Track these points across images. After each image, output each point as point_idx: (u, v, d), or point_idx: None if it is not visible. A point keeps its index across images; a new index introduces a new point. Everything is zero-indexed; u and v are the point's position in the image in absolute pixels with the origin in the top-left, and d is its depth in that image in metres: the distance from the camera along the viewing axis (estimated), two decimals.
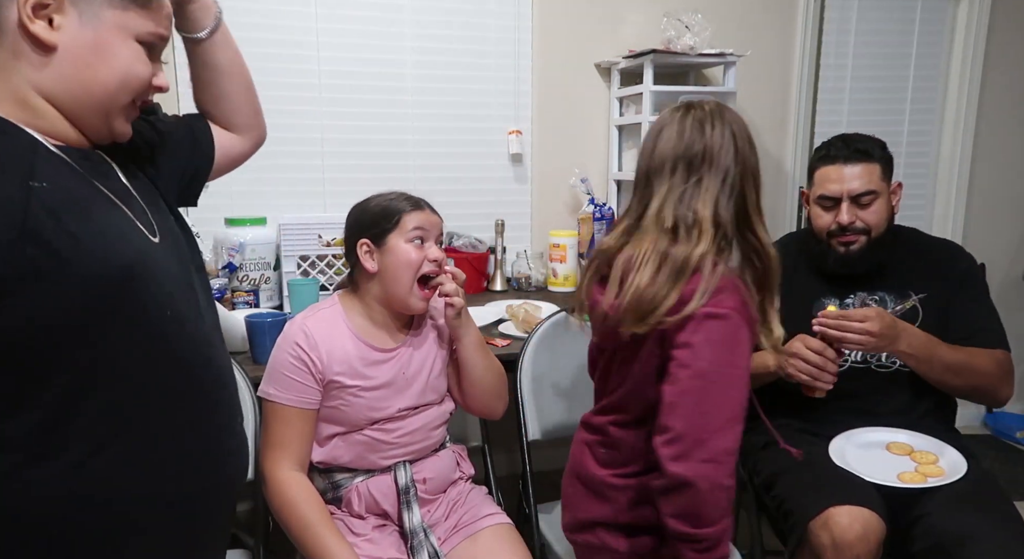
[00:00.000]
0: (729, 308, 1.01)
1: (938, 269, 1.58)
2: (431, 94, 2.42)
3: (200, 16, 1.03)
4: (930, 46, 2.91)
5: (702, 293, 1.00)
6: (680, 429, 0.98)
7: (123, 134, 0.88)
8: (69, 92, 0.80)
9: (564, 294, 2.38)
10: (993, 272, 3.01)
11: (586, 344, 1.78)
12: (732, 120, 1.10)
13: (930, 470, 1.34)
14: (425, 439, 1.41)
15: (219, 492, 0.94)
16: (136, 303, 0.80)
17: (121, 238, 0.80)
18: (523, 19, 2.47)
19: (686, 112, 1.11)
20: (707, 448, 0.97)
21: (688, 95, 2.39)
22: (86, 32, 0.78)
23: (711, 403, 0.98)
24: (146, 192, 0.93)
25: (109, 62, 0.80)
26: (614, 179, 2.60)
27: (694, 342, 1.00)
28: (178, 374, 0.85)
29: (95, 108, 0.82)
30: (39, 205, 0.72)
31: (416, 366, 1.39)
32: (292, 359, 1.29)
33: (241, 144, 1.14)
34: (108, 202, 0.83)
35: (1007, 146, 3.05)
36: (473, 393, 1.44)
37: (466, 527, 1.39)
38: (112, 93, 0.82)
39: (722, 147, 1.07)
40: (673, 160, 1.09)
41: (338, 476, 1.38)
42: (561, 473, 1.32)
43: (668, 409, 1.01)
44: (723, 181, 1.07)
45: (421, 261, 1.32)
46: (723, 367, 0.99)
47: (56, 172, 0.78)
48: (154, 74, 0.87)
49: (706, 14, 2.32)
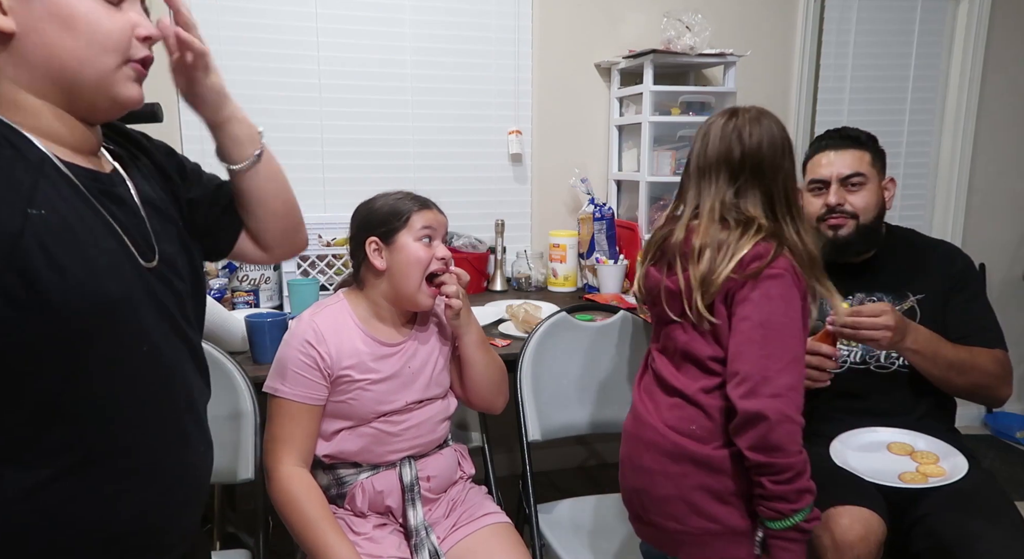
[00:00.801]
0: (783, 268, 1.14)
1: (935, 270, 1.57)
2: (431, 94, 2.42)
3: (234, 151, 0.94)
4: (930, 46, 2.91)
5: (757, 258, 1.14)
6: (747, 370, 1.09)
7: (131, 98, 0.79)
8: (48, 77, 0.74)
9: (564, 294, 2.38)
10: (993, 272, 3.01)
11: (586, 344, 1.79)
12: (767, 128, 1.21)
13: (931, 470, 1.34)
14: (431, 433, 1.41)
15: (179, 520, 0.89)
16: (111, 338, 0.77)
17: (109, 272, 0.76)
18: (523, 19, 2.47)
19: (729, 118, 1.23)
20: (772, 384, 1.07)
21: (688, 95, 2.40)
22: (34, 5, 0.71)
23: (772, 347, 1.09)
24: (158, 210, 0.88)
25: (69, 27, 0.72)
26: (614, 179, 2.60)
27: (753, 297, 1.12)
28: (146, 407, 0.82)
29: (81, 85, 0.75)
30: (32, 235, 0.69)
31: (421, 360, 1.40)
32: (302, 355, 1.29)
33: (262, 256, 1.06)
34: (106, 229, 0.78)
35: (1007, 146, 3.05)
36: (475, 388, 1.46)
37: (465, 526, 1.40)
38: (88, 60, 0.74)
39: (758, 153, 1.19)
40: (717, 164, 1.22)
41: (343, 472, 1.38)
42: (561, 473, 1.32)
43: (735, 356, 1.12)
44: (762, 183, 1.19)
45: (430, 259, 1.34)
46: (780, 317, 1.11)
47: (58, 195, 0.74)
48: (135, 24, 0.77)
49: (706, 14, 2.32)
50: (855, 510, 1.28)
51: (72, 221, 0.73)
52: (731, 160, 1.20)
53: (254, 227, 1.01)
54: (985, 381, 1.47)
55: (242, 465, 1.46)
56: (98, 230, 0.76)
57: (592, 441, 2.76)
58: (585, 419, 1.73)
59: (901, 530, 1.37)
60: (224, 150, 0.93)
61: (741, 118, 1.22)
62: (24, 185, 0.71)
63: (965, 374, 1.46)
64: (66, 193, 0.75)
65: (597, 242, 2.40)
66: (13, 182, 0.70)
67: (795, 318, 1.12)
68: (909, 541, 1.36)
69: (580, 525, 1.59)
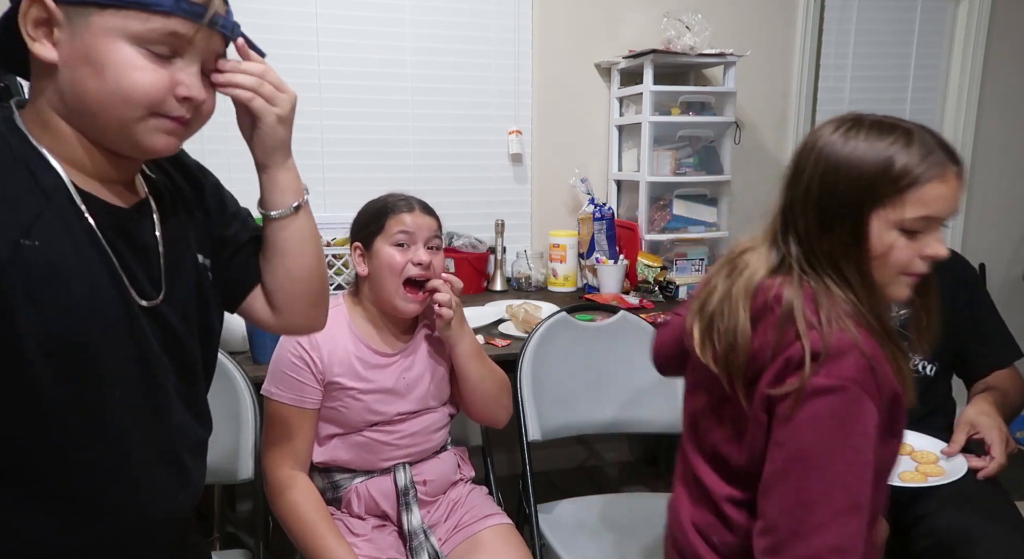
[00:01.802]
0: (845, 377, 0.81)
1: (944, 279, 1.54)
2: (431, 94, 2.42)
3: (274, 196, 0.90)
4: (930, 46, 2.91)
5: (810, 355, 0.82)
6: (773, 518, 0.83)
7: (154, 148, 0.76)
8: (76, 110, 0.73)
9: (564, 294, 2.38)
10: (993, 272, 3.01)
11: (586, 344, 1.78)
12: (826, 160, 0.90)
13: (931, 470, 1.34)
14: (425, 442, 1.41)
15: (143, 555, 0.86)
16: (79, 378, 0.74)
17: (93, 313, 0.74)
18: (523, 19, 2.47)
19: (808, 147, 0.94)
20: (806, 545, 0.79)
21: (688, 95, 2.39)
22: (76, 42, 0.70)
23: (812, 491, 0.80)
24: (182, 247, 0.86)
25: (98, 73, 0.71)
26: (614, 179, 2.60)
27: (795, 418, 0.82)
28: (112, 451, 0.79)
29: (103, 127, 0.74)
30: (19, 264, 0.68)
31: (417, 372, 1.39)
32: (294, 358, 1.29)
33: (271, 319, 0.98)
34: (102, 267, 0.75)
35: (1007, 146, 3.05)
36: (472, 400, 1.44)
37: (466, 528, 1.39)
38: (109, 106, 0.72)
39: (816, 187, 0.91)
40: None
41: (337, 476, 1.37)
42: (561, 473, 1.31)
43: (763, 491, 0.86)
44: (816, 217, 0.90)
45: (404, 265, 1.31)
46: (831, 448, 0.81)
47: (60, 227, 0.72)
48: (176, 83, 0.73)
49: (706, 14, 2.32)
50: None
51: (64, 255, 0.72)
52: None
53: (270, 283, 0.95)
54: (1018, 407, 1.49)
55: (241, 465, 1.46)
56: (93, 266, 0.75)
57: (592, 441, 2.76)
58: (585, 419, 1.73)
59: (901, 530, 1.36)
60: (265, 194, 0.91)
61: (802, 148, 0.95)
62: (26, 213, 0.70)
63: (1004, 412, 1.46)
64: (71, 224, 0.74)
65: (597, 242, 2.40)
66: (16, 209, 0.70)
67: (856, 447, 0.81)
68: (909, 541, 1.36)
69: (580, 525, 1.58)
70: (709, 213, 2.49)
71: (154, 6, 0.70)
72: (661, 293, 2.30)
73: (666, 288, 2.31)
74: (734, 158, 2.46)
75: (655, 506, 1.70)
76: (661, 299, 2.28)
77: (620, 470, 2.74)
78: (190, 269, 0.87)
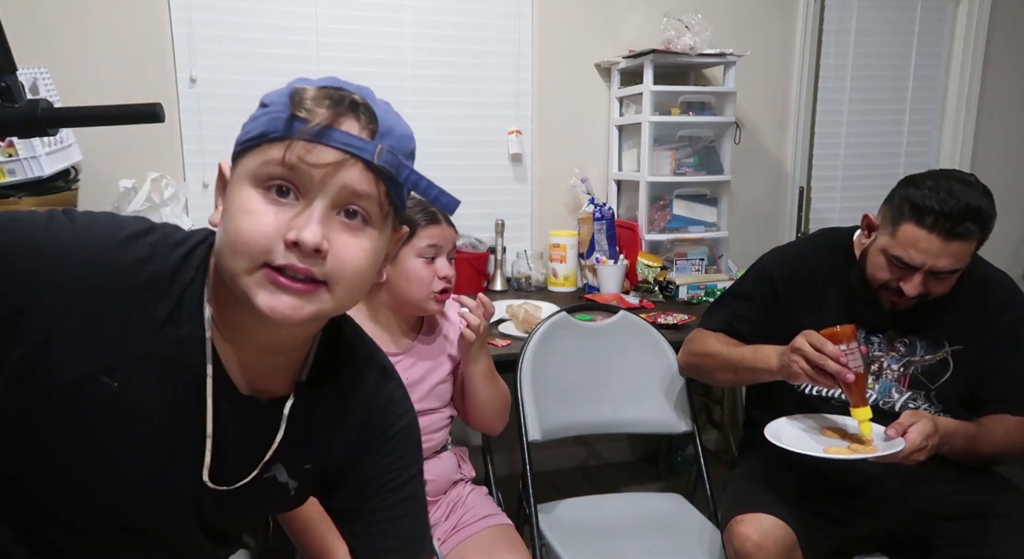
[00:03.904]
0: None
1: (983, 315, 1.41)
2: (431, 94, 2.42)
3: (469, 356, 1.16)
4: (930, 46, 2.91)
5: None
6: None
7: (261, 308, 0.62)
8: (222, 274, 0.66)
9: (564, 294, 2.38)
10: None
11: (586, 344, 1.78)
12: None
13: (862, 449, 1.25)
14: (425, 442, 1.39)
15: None
16: (82, 528, 0.69)
17: (123, 478, 0.68)
18: (523, 19, 2.47)
19: None
20: None
21: (688, 95, 2.40)
22: (228, 202, 0.65)
23: None
24: (303, 453, 0.78)
25: (224, 222, 0.64)
26: (614, 179, 2.60)
27: None
28: None
29: (227, 284, 0.64)
30: (80, 397, 0.62)
31: (419, 374, 1.39)
32: None
33: None
34: (164, 437, 0.68)
35: (1007, 146, 3.05)
36: (475, 413, 1.45)
37: (466, 528, 1.39)
38: (221, 258, 0.64)
39: None
40: None
41: None
42: (561, 473, 1.32)
43: None
44: None
45: (431, 279, 1.32)
46: None
47: (156, 391, 0.65)
48: (288, 228, 0.61)
49: (706, 14, 2.32)
50: (752, 517, 1.26)
51: (127, 419, 0.65)
52: None
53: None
54: (995, 455, 1.37)
55: None
56: (149, 438, 0.67)
57: (592, 441, 2.76)
58: (585, 419, 1.73)
59: (926, 549, 1.34)
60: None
61: None
62: (129, 355, 0.63)
63: (1001, 460, 1.38)
64: (169, 400, 0.66)
65: (597, 242, 2.40)
66: (120, 343, 0.63)
67: None
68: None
69: (580, 525, 1.58)
70: (709, 213, 2.49)
71: (271, 133, 0.62)
72: (661, 293, 2.31)
73: (666, 288, 2.31)
74: (734, 158, 2.46)
75: (655, 506, 1.70)
76: (661, 299, 2.28)
77: (620, 470, 2.75)
78: (279, 484, 0.80)
